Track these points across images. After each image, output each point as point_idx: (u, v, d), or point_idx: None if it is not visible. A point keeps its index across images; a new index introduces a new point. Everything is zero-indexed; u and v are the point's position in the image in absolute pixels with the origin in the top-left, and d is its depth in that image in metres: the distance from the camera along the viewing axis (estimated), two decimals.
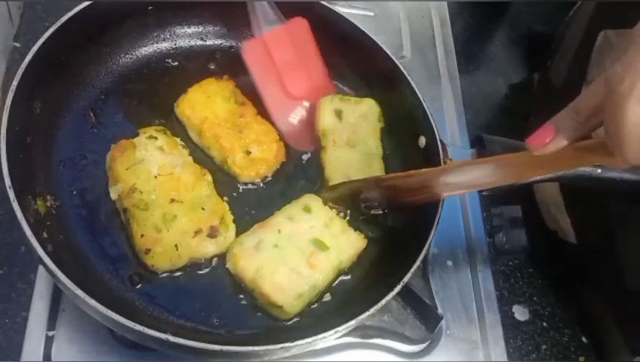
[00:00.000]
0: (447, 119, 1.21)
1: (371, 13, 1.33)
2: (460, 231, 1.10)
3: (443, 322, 0.98)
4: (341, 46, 1.07)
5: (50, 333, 0.88)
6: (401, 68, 1.00)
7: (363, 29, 1.04)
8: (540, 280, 1.12)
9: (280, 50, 1.00)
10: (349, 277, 0.92)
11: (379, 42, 1.03)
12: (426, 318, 0.96)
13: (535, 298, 1.10)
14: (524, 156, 0.73)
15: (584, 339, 1.07)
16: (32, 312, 0.89)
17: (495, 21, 1.45)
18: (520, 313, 1.08)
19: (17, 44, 1.15)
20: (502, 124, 1.30)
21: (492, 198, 1.09)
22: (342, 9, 1.05)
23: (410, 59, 1.29)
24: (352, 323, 0.78)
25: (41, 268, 0.92)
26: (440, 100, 1.24)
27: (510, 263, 1.12)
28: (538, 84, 1.27)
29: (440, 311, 0.98)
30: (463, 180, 0.85)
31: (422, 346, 0.97)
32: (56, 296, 0.90)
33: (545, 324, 1.07)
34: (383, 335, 0.95)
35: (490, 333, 1.01)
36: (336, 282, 0.90)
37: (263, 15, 0.99)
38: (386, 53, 1.02)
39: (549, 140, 0.65)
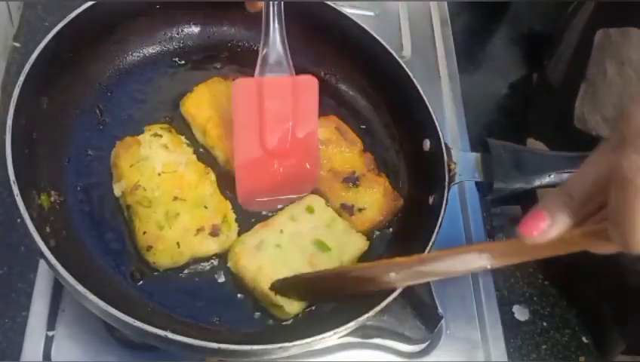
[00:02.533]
0: (447, 119, 1.22)
1: (371, 13, 1.33)
2: (460, 231, 1.10)
3: (443, 322, 0.98)
4: (343, 46, 1.06)
5: (50, 333, 0.88)
6: (407, 70, 1.00)
7: (369, 30, 1.03)
8: (540, 280, 1.12)
9: (275, 100, 0.89)
10: None
11: (384, 43, 1.02)
12: (426, 318, 0.96)
13: (535, 298, 1.10)
14: (512, 244, 0.65)
15: (584, 339, 1.07)
16: (32, 312, 0.89)
17: (495, 21, 1.45)
18: (520, 313, 1.08)
19: (17, 44, 1.15)
20: (502, 124, 1.31)
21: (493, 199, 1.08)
22: (342, 9, 1.05)
23: (410, 59, 1.29)
24: (352, 324, 0.78)
25: (41, 268, 0.92)
26: (440, 100, 1.24)
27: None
28: (536, 84, 1.27)
29: (440, 311, 0.98)
30: (438, 270, 0.72)
31: (422, 346, 0.97)
32: (56, 295, 0.90)
33: (545, 324, 1.07)
34: (383, 335, 0.95)
35: (490, 333, 1.01)
36: None
37: (273, 58, 0.89)
38: (392, 55, 1.01)
39: (543, 229, 0.57)
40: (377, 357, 0.95)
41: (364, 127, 1.06)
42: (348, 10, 1.04)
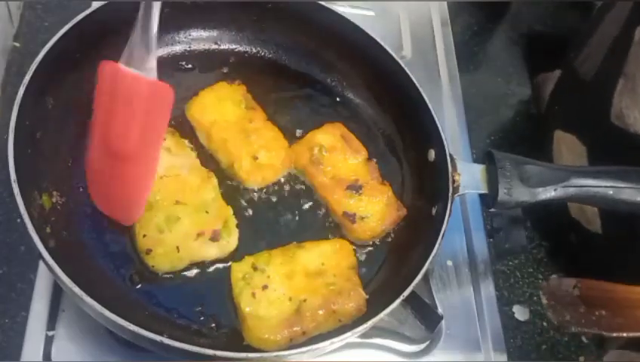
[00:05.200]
0: (447, 119, 1.21)
1: (371, 13, 1.33)
2: (460, 231, 1.10)
3: (443, 322, 0.98)
4: (352, 55, 1.06)
5: (50, 333, 0.88)
6: (415, 81, 0.99)
7: (380, 41, 1.02)
8: (540, 280, 1.12)
9: (127, 97, 0.79)
10: None
11: (394, 55, 1.02)
12: (426, 318, 0.96)
13: (535, 298, 1.10)
14: None
15: (584, 339, 1.07)
16: (32, 312, 0.89)
17: (495, 21, 1.44)
18: (520, 313, 1.08)
19: (17, 44, 1.15)
20: (502, 124, 1.30)
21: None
22: (342, 9, 1.05)
23: (410, 59, 1.29)
24: (348, 334, 0.78)
25: (41, 268, 0.92)
26: (440, 100, 1.24)
27: (510, 263, 1.12)
28: (562, 77, 1.24)
29: (440, 310, 0.98)
30: None
31: (422, 346, 0.97)
32: (56, 296, 0.90)
33: (545, 324, 1.07)
34: (383, 335, 0.95)
35: (490, 333, 1.01)
36: None
37: (138, 54, 0.79)
38: (400, 66, 1.01)
39: None
40: (377, 357, 0.95)
41: (369, 135, 1.06)
42: (347, 10, 1.05)
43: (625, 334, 0.89)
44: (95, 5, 0.92)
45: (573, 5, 1.43)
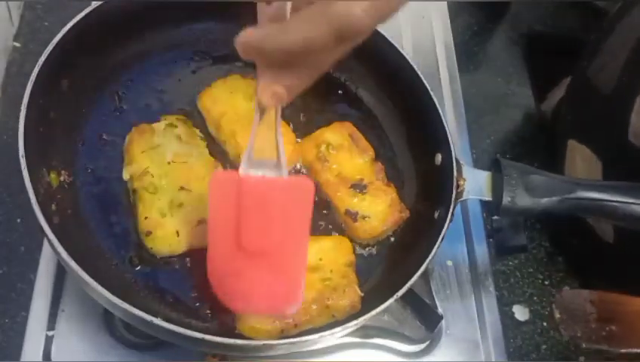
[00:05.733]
0: (447, 120, 1.21)
1: None
2: (459, 231, 1.10)
3: (443, 322, 0.98)
4: (368, 55, 1.05)
5: (50, 333, 0.88)
6: (427, 86, 1.00)
7: (394, 43, 1.03)
8: (540, 280, 1.12)
9: (257, 203, 0.74)
10: None
11: (408, 58, 1.02)
12: (426, 318, 0.96)
13: (535, 298, 1.10)
14: None
15: None
16: (32, 312, 0.89)
17: (495, 21, 1.44)
18: (520, 313, 1.08)
19: (17, 44, 1.15)
20: (502, 124, 1.30)
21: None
22: None
23: (410, 60, 1.28)
24: (338, 329, 0.78)
25: (41, 268, 0.92)
26: (440, 100, 1.23)
27: (510, 263, 1.12)
28: (574, 84, 1.22)
29: (440, 310, 0.98)
30: None
31: (422, 346, 0.97)
32: (56, 295, 0.91)
33: (545, 324, 1.07)
34: (383, 335, 0.95)
35: (490, 333, 1.01)
36: None
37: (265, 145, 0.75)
38: (414, 71, 1.01)
39: None
40: (377, 357, 0.95)
41: (377, 136, 1.06)
42: None
43: (633, 350, 0.88)
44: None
45: (573, 5, 1.43)
